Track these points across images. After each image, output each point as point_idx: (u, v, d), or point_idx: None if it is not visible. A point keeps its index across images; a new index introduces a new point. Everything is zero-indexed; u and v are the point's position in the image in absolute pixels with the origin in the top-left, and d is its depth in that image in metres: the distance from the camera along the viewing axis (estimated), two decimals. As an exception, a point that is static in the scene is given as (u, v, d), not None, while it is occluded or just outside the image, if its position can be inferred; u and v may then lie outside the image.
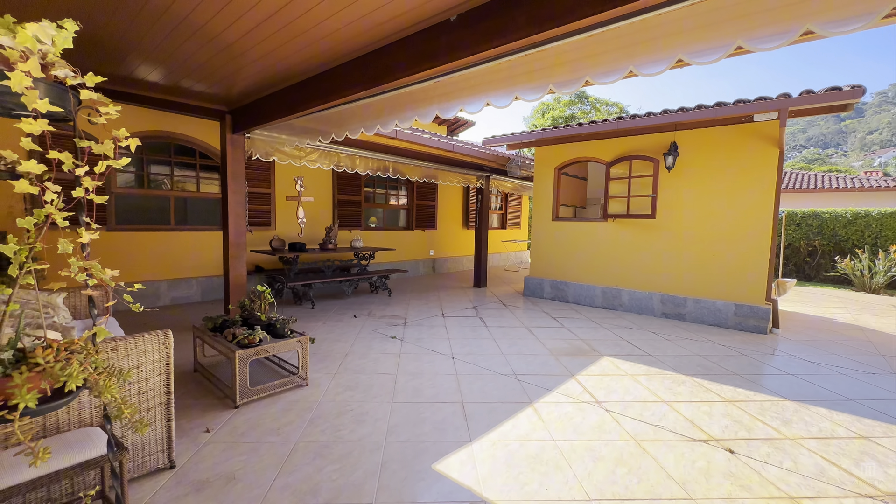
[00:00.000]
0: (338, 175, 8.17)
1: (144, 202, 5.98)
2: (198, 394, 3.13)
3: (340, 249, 6.96)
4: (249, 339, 2.97)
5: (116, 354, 1.98)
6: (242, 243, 4.78)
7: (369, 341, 4.57)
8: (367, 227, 8.96)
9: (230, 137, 4.60)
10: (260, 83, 3.87)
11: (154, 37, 3.17)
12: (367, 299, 6.95)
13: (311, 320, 5.43)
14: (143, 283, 5.86)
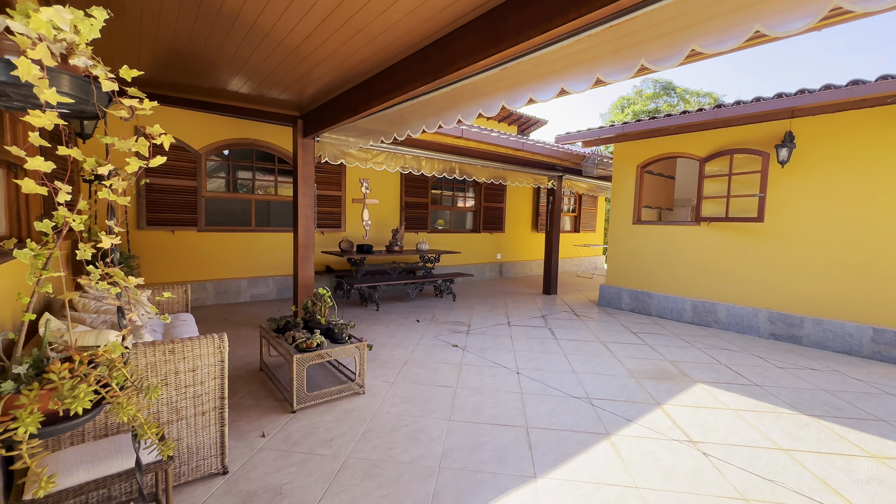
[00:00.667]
0: (405, 177, 8.19)
1: (229, 205, 6.44)
2: (261, 394, 3.16)
3: (406, 252, 6.93)
4: (307, 344, 2.93)
5: (173, 357, 1.97)
6: (311, 245, 4.89)
7: (430, 349, 4.39)
8: (433, 230, 8.89)
9: (301, 141, 4.72)
10: (327, 85, 3.88)
11: (238, 47, 3.27)
12: (431, 303, 6.83)
13: (375, 323, 5.41)
14: (227, 279, 6.31)
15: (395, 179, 8.09)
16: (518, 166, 7.31)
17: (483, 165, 6.83)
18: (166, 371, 1.96)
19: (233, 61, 3.57)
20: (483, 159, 6.73)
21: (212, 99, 4.94)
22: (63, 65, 0.95)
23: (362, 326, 5.20)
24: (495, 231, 9.95)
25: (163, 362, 1.95)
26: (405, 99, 3.07)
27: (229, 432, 2.58)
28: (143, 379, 1.18)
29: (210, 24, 2.97)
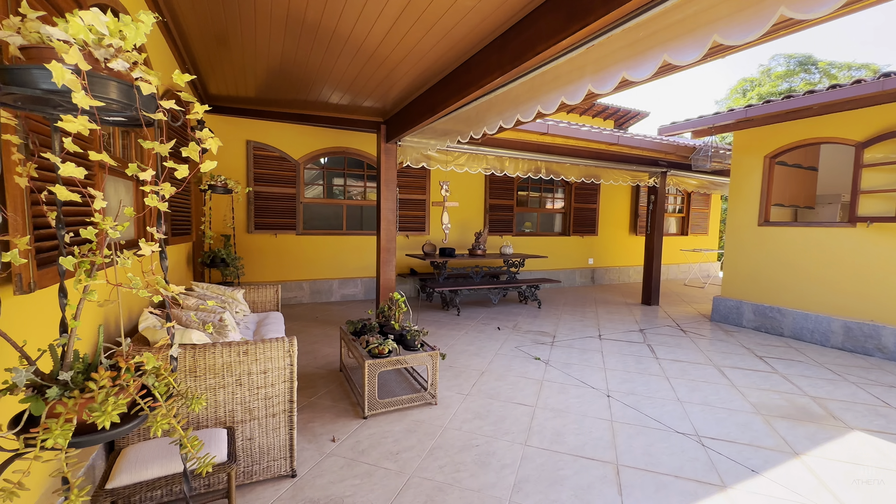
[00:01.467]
0: (490, 179, 7.99)
1: (323, 210, 6.87)
2: (338, 395, 3.21)
3: (489, 256, 6.72)
4: (380, 350, 2.88)
5: (246, 358, 2.03)
6: (392, 248, 4.94)
7: (510, 360, 4.12)
8: (519, 233, 8.54)
9: (384, 146, 4.80)
10: (407, 87, 3.86)
11: (322, 57, 3.41)
12: (514, 310, 6.52)
13: (454, 328, 5.29)
14: (320, 280, 6.73)
15: (479, 181, 7.93)
16: (613, 163, 6.64)
17: (572, 163, 6.33)
18: (240, 371, 2.02)
19: (320, 72, 3.72)
20: (572, 157, 6.23)
21: (305, 111, 5.29)
22: (106, 70, 0.94)
23: (441, 331, 5.12)
24: (587, 234, 9.23)
25: (237, 363, 2.01)
26: (481, 94, 2.88)
27: (303, 432, 2.63)
28: (189, 389, 1.15)
29: (296, 38, 3.11)
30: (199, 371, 1.94)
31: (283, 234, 6.43)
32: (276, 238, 6.38)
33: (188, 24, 3.32)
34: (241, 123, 6.01)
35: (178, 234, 3.57)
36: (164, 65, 3.36)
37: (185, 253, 4.18)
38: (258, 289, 3.81)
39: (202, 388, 1.96)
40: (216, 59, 3.88)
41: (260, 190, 6.20)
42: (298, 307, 6.29)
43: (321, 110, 5.14)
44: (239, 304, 3.43)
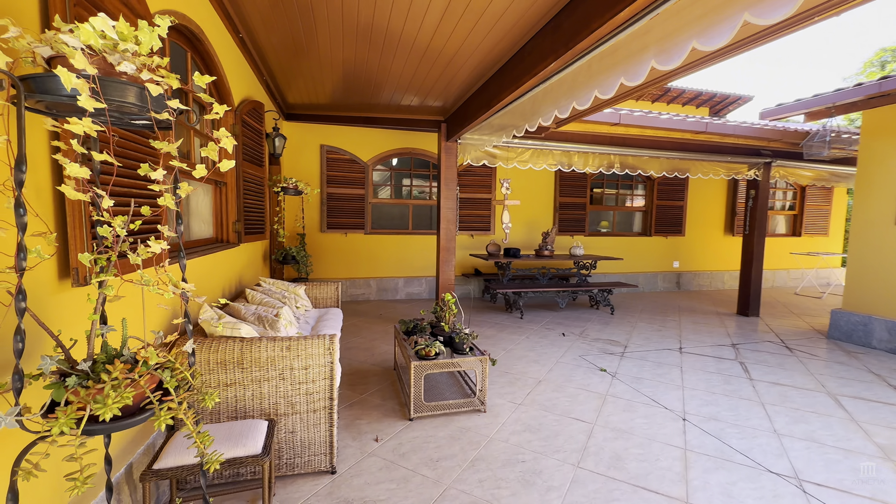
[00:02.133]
0: (560, 176, 7.58)
1: (390, 210, 7.06)
2: (388, 394, 3.22)
3: (558, 257, 6.37)
4: (426, 352, 2.83)
5: (289, 353, 2.08)
6: (451, 247, 4.88)
7: (571, 370, 3.82)
8: (593, 233, 8.00)
9: (444, 145, 4.75)
10: (464, 83, 3.77)
11: (380, 57, 3.46)
12: (583, 315, 6.09)
13: (515, 332, 5.07)
14: (386, 278, 6.92)
15: (548, 179, 7.56)
16: (703, 154, 5.88)
17: (652, 156, 5.72)
18: (283, 366, 2.08)
19: (379, 73, 3.79)
20: (652, 149, 5.63)
21: (372, 114, 5.45)
22: (114, 73, 0.97)
23: (501, 335, 4.94)
24: (672, 234, 8.35)
25: (280, 357, 2.07)
26: (535, 83, 2.68)
27: (349, 429, 2.66)
28: (204, 384, 1.17)
29: (354, 41, 3.18)
30: (246, 363, 2.03)
31: (353, 234, 6.71)
32: (345, 237, 6.68)
33: (262, 39, 3.58)
34: (315, 129, 6.40)
35: (253, 232, 3.87)
36: (242, 77, 3.65)
37: (262, 250, 4.52)
38: (320, 285, 3.98)
39: (248, 380, 2.05)
40: (292, 70, 4.15)
41: (332, 191, 6.54)
42: (365, 304, 6.53)
43: (385, 112, 5.26)
44: (301, 299, 3.61)
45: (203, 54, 2.88)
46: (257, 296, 3.08)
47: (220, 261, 3.20)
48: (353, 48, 3.38)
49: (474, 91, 3.82)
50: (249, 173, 3.77)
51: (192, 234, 3.21)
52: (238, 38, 3.48)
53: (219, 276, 3.12)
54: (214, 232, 3.43)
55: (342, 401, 3.08)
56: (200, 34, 2.67)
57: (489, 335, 4.90)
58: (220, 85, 3.21)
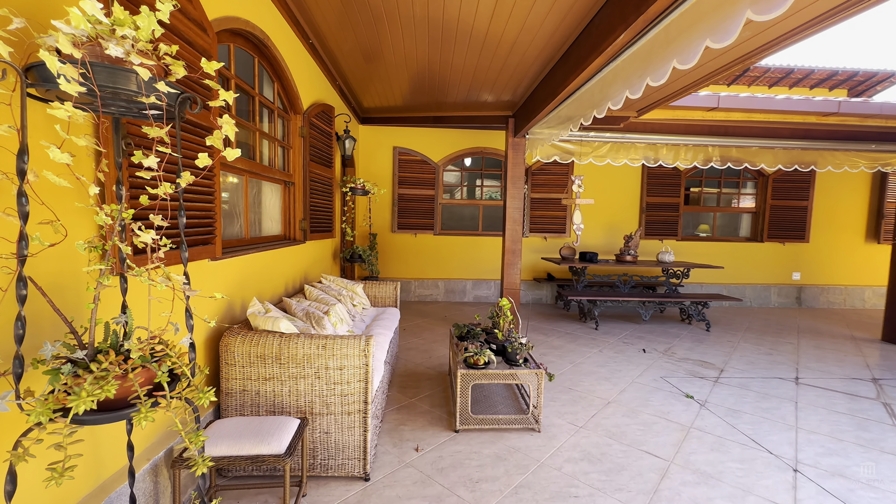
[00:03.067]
0: (648, 173, 6.81)
1: (460, 210, 6.95)
2: (437, 400, 3.08)
3: (643, 263, 5.71)
4: (475, 360, 2.63)
5: (324, 352, 2.04)
6: (517, 250, 4.61)
7: (649, 392, 3.32)
8: (688, 237, 7.07)
9: (511, 141, 4.50)
10: (528, 72, 3.51)
11: (440, 51, 3.37)
12: (670, 330, 5.36)
13: (587, 344, 4.61)
14: (454, 280, 6.82)
15: (633, 176, 6.84)
16: (835, 142, 4.82)
17: (764, 146, 4.83)
18: (318, 365, 2.05)
19: (442, 68, 3.69)
20: (765, 138, 4.75)
21: (440, 113, 5.40)
22: (105, 57, 0.95)
23: (571, 346, 4.52)
24: (791, 240, 7.03)
25: (316, 356, 2.04)
26: (604, 62, 2.34)
27: (391, 434, 2.57)
28: (200, 381, 1.12)
29: (414, 37, 3.10)
30: (284, 359, 2.03)
31: (422, 234, 6.73)
32: (415, 238, 6.73)
33: (333, 46, 3.72)
34: (388, 131, 6.55)
35: (320, 231, 4.02)
36: (313, 82, 3.80)
37: (331, 249, 4.70)
38: (379, 284, 3.99)
39: (286, 376, 2.05)
40: (365, 75, 4.28)
41: (403, 192, 6.64)
42: (432, 305, 6.50)
43: (453, 110, 5.17)
44: (358, 297, 3.63)
45: (270, 60, 3.02)
46: (314, 292, 3.16)
47: (284, 257, 3.34)
48: (422, 45, 3.33)
49: (540, 80, 3.53)
50: (317, 174, 3.91)
51: (263, 230, 3.40)
52: (308, 45, 3.63)
53: (282, 271, 3.25)
54: (283, 229, 3.61)
55: (391, 403, 3.01)
56: (267, 41, 2.80)
57: (557, 345, 4.52)
58: (288, 89, 3.36)
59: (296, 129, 3.58)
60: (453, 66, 3.62)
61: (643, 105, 3.57)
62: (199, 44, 1.94)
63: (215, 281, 2.18)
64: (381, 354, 2.63)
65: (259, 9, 2.68)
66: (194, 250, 1.94)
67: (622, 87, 2.23)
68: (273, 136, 3.23)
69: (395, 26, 3.07)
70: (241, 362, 2.03)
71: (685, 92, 3.07)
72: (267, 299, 2.91)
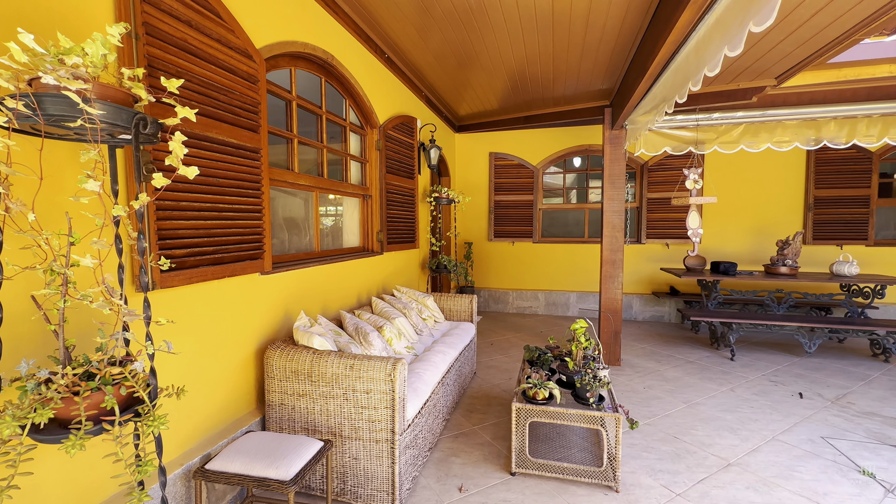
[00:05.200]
0: (817, 158, 5.23)
1: (563, 216, 6.36)
2: (500, 432, 2.74)
3: (807, 276, 4.36)
4: (534, 393, 2.23)
5: (352, 373, 1.93)
6: (618, 260, 3.93)
7: (798, 457, 2.42)
8: (884, 241, 5.22)
9: (608, 135, 3.88)
10: (616, 48, 2.94)
11: (494, 41, 3.09)
12: (850, 368, 3.95)
13: (714, 378, 3.66)
14: (556, 291, 6.24)
15: (792, 163, 5.32)
16: None
17: None
18: (346, 386, 1.95)
19: (543, 60, 3.37)
20: None
21: (532, 111, 5.02)
22: (44, 88, 0.97)
23: (689, 379, 3.65)
24: None
25: (344, 376, 1.94)
26: (697, 13, 1.75)
27: (440, 465, 2.34)
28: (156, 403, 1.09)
29: (531, 29, 2.89)
30: (315, 376, 1.99)
31: (520, 242, 6.35)
32: (513, 246, 6.38)
33: (415, 58, 3.78)
34: (484, 138, 6.37)
35: (400, 242, 4.03)
36: (391, 95, 3.85)
37: (418, 259, 4.70)
38: (454, 297, 3.80)
39: (317, 394, 2.00)
40: (458, 81, 4.26)
41: (499, 199, 6.37)
42: (531, 318, 6.04)
43: (543, 107, 4.74)
44: (428, 310, 3.51)
45: (339, 78, 3.12)
46: (380, 305, 3.13)
47: (358, 268, 3.40)
48: (516, 39, 3.09)
49: (632, 58, 2.93)
50: (395, 185, 3.93)
51: (345, 242, 3.54)
52: (384, 60, 3.69)
53: (354, 283, 3.31)
54: (361, 241, 3.71)
55: (451, 428, 2.78)
56: (332, 60, 2.90)
57: (671, 377, 3.69)
58: (361, 105, 3.45)
59: (372, 143, 3.66)
60: (555, 56, 3.26)
61: (784, 68, 2.66)
62: (243, 70, 2.05)
63: (265, 294, 2.27)
64: (432, 376, 2.43)
65: (323, 30, 2.78)
66: (240, 265, 2.04)
67: (719, 43, 1.60)
68: (345, 151, 3.33)
69: (484, 23, 2.88)
70: (279, 376, 2.06)
71: (845, 41, 2.16)
72: (333, 311, 2.98)
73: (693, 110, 3.42)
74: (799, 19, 2.05)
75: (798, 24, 2.11)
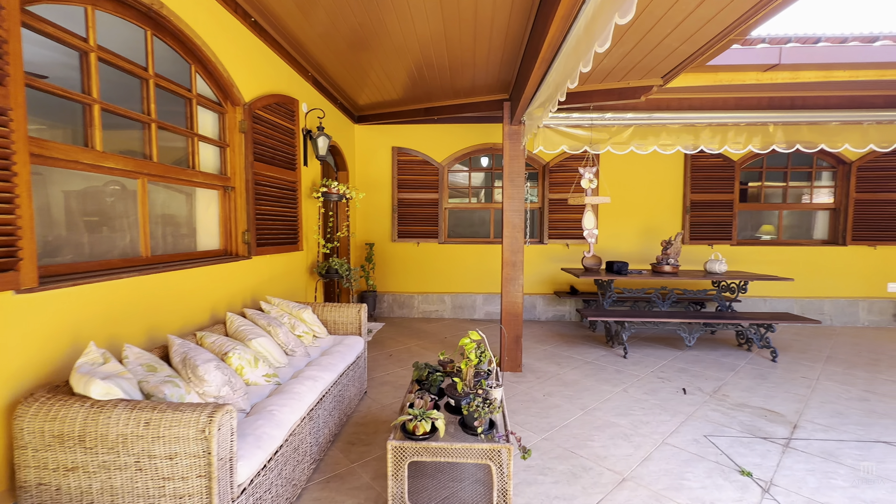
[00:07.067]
0: (692, 164, 5.68)
1: (469, 216, 6.18)
2: (383, 470, 2.31)
3: (686, 273, 4.64)
4: (414, 427, 1.85)
5: (147, 432, 1.36)
6: (518, 262, 3.76)
7: (686, 462, 2.38)
8: (745, 241, 5.85)
9: (507, 130, 3.69)
10: (509, 30, 2.71)
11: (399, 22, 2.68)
12: (722, 359, 4.26)
13: (609, 380, 3.66)
14: (463, 294, 6.03)
15: (674, 169, 5.74)
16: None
17: (847, 121, 3.67)
18: (139, 450, 1.37)
19: (433, 41, 2.98)
20: (847, 110, 3.60)
21: (432, 103, 4.70)
22: None
23: (587, 382, 3.60)
24: (884, 242, 5.62)
25: (136, 437, 1.36)
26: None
27: None
28: None
29: None
30: (90, 441, 1.38)
31: (426, 243, 6.02)
32: (418, 247, 6.03)
33: (296, 30, 3.24)
34: (386, 131, 5.93)
35: (275, 244, 3.41)
36: (264, 71, 3.19)
37: (303, 263, 4.09)
38: (339, 308, 3.30)
39: (94, 465, 1.39)
40: (356, 65, 3.78)
41: (403, 197, 5.97)
42: (437, 323, 5.74)
43: (444, 98, 4.44)
44: (304, 325, 2.97)
45: (177, 35, 2.45)
46: (236, 322, 2.52)
47: (215, 276, 2.74)
48: (417, 14, 2.64)
49: (526, 44, 2.72)
50: (269, 176, 3.31)
51: (199, 245, 2.84)
52: (251, 24, 3.06)
53: (209, 295, 2.65)
54: (222, 243, 3.03)
55: (323, 470, 2.29)
56: (161, 9, 2.22)
57: (570, 381, 3.61)
58: (215, 74, 2.79)
59: (234, 124, 3.00)
60: (448, 37, 2.91)
61: (670, 66, 2.65)
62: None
63: (25, 322, 1.57)
64: (290, 414, 1.93)
65: (140, -35, 2.11)
66: None
67: (610, 11, 1.40)
68: (192, 130, 2.65)
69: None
70: (37, 443, 1.40)
71: (725, 38, 2.15)
72: (169, 334, 2.31)
73: (587, 108, 3.36)
74: (686, 9, 1.97)
75: (685, 15, 2.03)
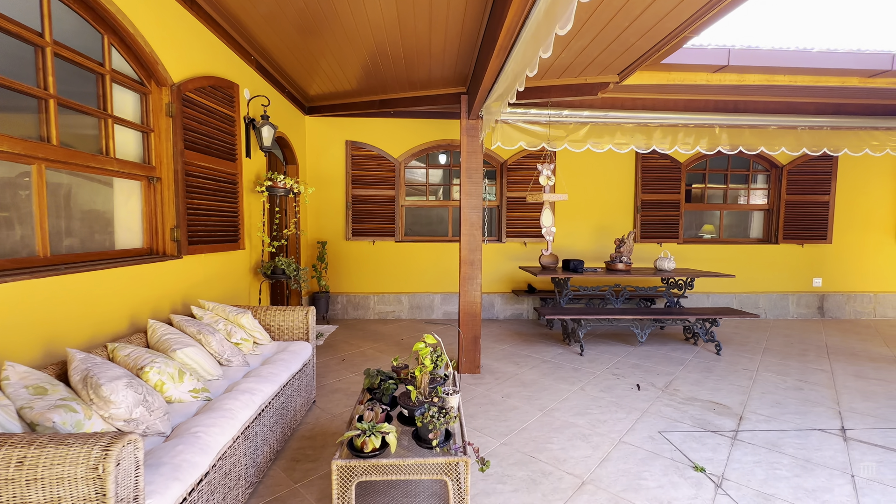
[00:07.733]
0: (643, 165, 5.86)
1: (426, 214, 6.03)
2: (330, 489, 2.12)
3: (638, 271, 4.76)
4: (363, 443, 1.68)
5: (20, 474, 1.09)
6: (476, 260, 3.66)
7: (642, 461, 2.36)
8: (690, 239, 6.12)
9: (465, 125, 3.58)
10: (466, 16, 2.58)
11: None
12: (672, 354, 4.39)
13: (567, 378, 3.65)
14: (421, 293, 5.87)
15: (626, 169, 5.89)
16: (876, 119, 3.87)
17: (783, 126, 3.88)
18: (11, 497, 1.10)
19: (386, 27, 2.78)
20: (783, 114, 3.81)
21: (387, 95, 4.50)
22: None
23: (545, 381, 3.57)
24: (810, 241, 6.07)
25: (6, 481, 1.10)
26: None
27: (227, 568, 1.61)
28: None
29: None
30: (-58, 489, 1.09)
31: (382, 241, 5.80)
32: (373, 246, 5.80)
33: (236, 8, 2.87)
34: (340, 123, 5.64)
35: (213, 241, 3.10)
36: (195, 49, 2.85)
37: (245, 263, 3.76)
38: (284, 311, 3.04)
39: (-51, 520, 1.10)
40: (305, 50, 3.46)
41: (357, 193, 5.72)
42: (393, 324, 5.55)
43: (402, 90, 4.26)
44: (244, 331, 2.69)
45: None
46: (160, 331, 2.21)
47: (138, 278, 2.41)
48: None
49: (483, 33, 2.61)
50: (203, 167, 2.99)
51: (117, 242, 2.48)
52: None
53: (128, 300, 2.33)
54: (147, 240, 2.69)
55: (262, 494, 2.06)
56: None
57: (528, 381, 3.56)
58: (135, 48, 2.45)
59: (159, 107, 2.67)
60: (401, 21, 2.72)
61: (626, 63, 2.65)
62: None
63: None
64: (218, 436, 1.69)
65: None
66: None
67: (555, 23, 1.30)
68: (104, 111, 2.31)
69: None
70: None
71: (679, 36, 2.15)
72: (80, 345, 1.98)
73: (545, 104, 3.32)
74: (644, 2, 1.93)
75: (643, 9, 2.00)
